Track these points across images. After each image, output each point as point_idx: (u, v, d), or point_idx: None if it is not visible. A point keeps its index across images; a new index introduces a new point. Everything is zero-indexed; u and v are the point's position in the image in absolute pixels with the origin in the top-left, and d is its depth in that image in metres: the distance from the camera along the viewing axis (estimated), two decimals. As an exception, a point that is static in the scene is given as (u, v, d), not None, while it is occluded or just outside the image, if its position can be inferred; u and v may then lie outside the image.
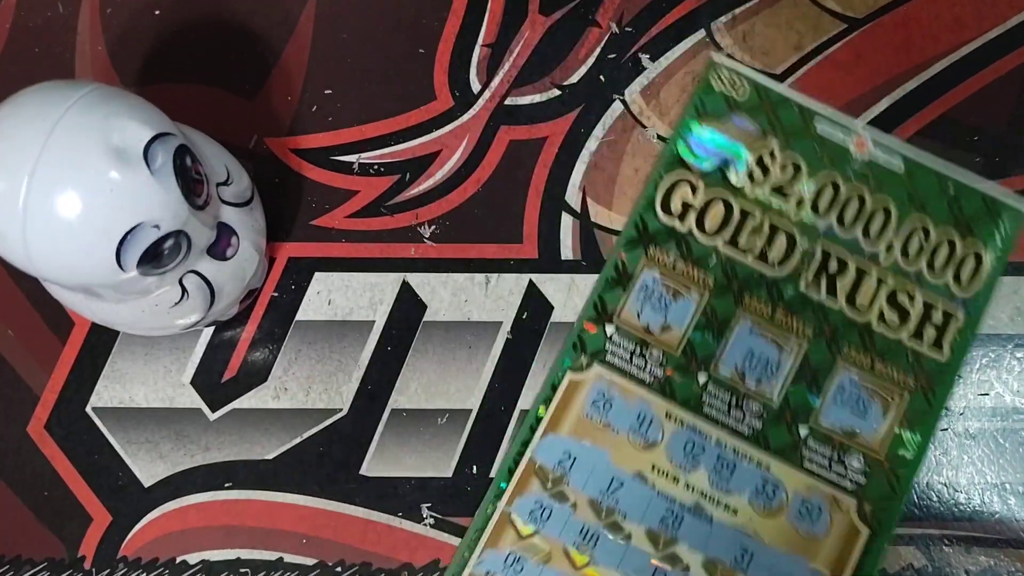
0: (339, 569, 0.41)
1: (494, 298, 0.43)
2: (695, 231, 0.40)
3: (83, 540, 0.42)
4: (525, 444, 0.39)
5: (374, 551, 0.41)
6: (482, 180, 0.44)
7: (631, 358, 0.40)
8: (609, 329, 0.40)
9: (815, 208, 0.40)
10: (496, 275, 0.43)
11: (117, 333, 0.43)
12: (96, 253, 0.31)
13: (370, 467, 0.42)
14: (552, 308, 0.43)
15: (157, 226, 0.32)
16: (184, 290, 0.36)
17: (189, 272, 0.36)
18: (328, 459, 0.42)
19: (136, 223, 0.31)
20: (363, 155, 0.44)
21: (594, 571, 0.38)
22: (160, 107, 0.34)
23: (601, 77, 0.45)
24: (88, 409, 0.43)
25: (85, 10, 0.45)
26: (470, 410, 0.42)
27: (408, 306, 0.43)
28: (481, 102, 0.45)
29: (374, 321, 0.43)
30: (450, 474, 0.41)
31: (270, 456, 0.42)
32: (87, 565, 0.42)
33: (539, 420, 0.39)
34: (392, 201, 0.44)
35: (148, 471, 0.42)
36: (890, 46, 0.45)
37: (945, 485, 0.41)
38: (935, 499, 0.41)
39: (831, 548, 0.38)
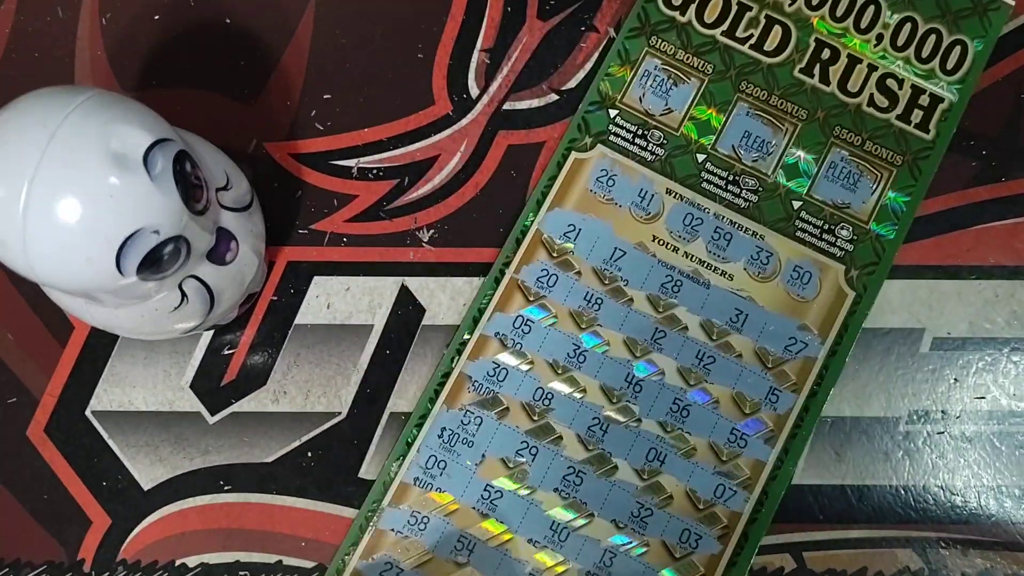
0: (338, 572, 0.41)
1: (492, 302, 0.43)
2: (695, 22, 0.43)
3: (82, 543, 0.42)
4: (531, 218, 0.42)
5: (373, 554, 0.41)
6: (480, 184, 0.44)
7: (633, 139, 0.42)
8: (613, 112, 0.43)
9: (808, 3, 0.43)
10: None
11: (116, 337, 0.43)
12: (96, 259, 0.31)
13: (369, 470, 0.42)
14: (550, 312, 0.43)
15: (157, 231, 0.32)
16: (183, 295, 0.36)
17: (189, 277, 0.36)
18: (327, 462, 0.42)
19: (136, 229, 0.31)
20: (362, 159, 0.44)
21: (600, 331, 0.41)
22: (159, 112, 0.34)
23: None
24: (87, 412, 0.43)
25: (84, 15, 0.46)
26: (468, 413, 0.42)
27: (407, 310, 0.43)
28: (479, 107, 0.45)
29: (373, 325, 0.43)
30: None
31: (269, 459, 0.42)
32: (86, 568, 0.42)
33: (545, 196, 0.42)
34: (391, 205, 0.44)
35: (147, 474, 0.43)
36: (887, 50, 0.45)
37: (941, 488, 0.42)
38: (932, 502, 0.41)
39: (819, 309, 0.41)
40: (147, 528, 0.42)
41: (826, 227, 0.41)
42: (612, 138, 0.42)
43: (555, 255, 0.41)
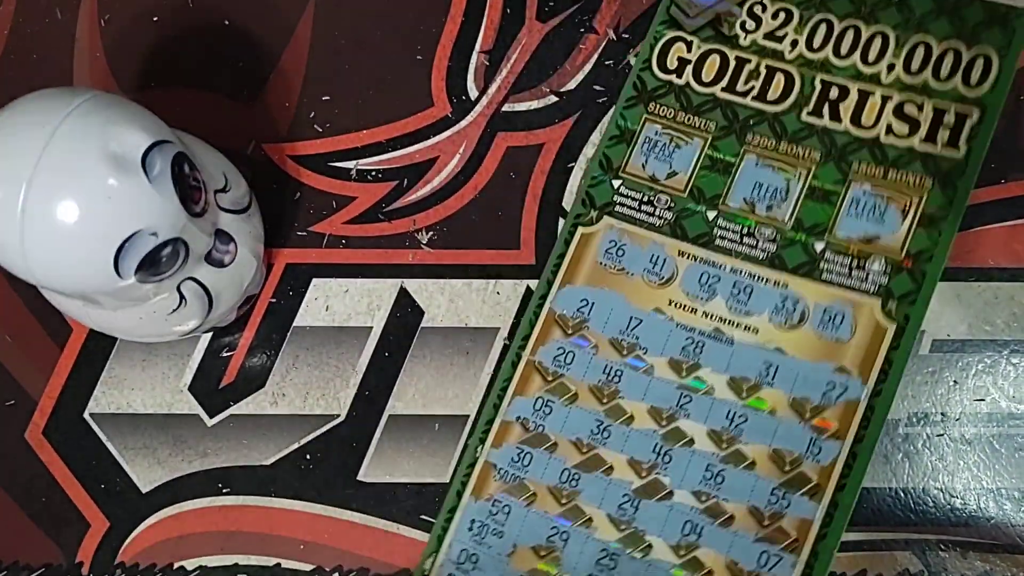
0: (336, 575, 0.41)
1: (492, 304, 0.43)
2: (692, 83, 0.41)
3: (80, 546, 0.42)
4: (543, 297, 0.41)
5: (371, 556, 0.41)
6: (480, 186, 0.44)
7: (639, 206, 0.41)
8: (616, 183, 0.41)
9: (810, 46, 0.41)
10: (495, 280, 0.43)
11: (115, 339, 0.43)
12: (94, 260, 0.31)
13: (367, 473, 0.42)
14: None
15: (155, 233, 0.32)
16: (182, 297, 0.36)
17: (187, 279, 0.36)
18: (326, 465, 0.42)
19: (134, 231, 0.31)
20: (361, 161, 0.44)
21: (622, 403, 0.39)
22: (158, 113, 0.34)
23: (598, 84, 0.45)
24: (86, 415, 0.43)
25: (83, 17, 0.45)
26: (467, 416, 0.42)
27: (406, 312, 0.43)
28: (478, 108, 0.45)
29: (372, 327, 0.43)
30: (447, 479, 0.42)
31: (268, 462, 0.42)
32: (84, 571, 0.42)
33: (555, 273, 0.41)
34: (390, 207, 0.44)
35: (146, 477, 0.43)
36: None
37: (941, 490, 0.41)
38: (931, 504, 0.41)
39: (857, 348, 0.38)
40: (145, 531, 0.42)
41: (856, 264, 0.39)
42: (618, 208, 0.41)
43: (570, 332, 0.40)
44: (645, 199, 0.41)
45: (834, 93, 0.40)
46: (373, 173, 0.44)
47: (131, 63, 0.45)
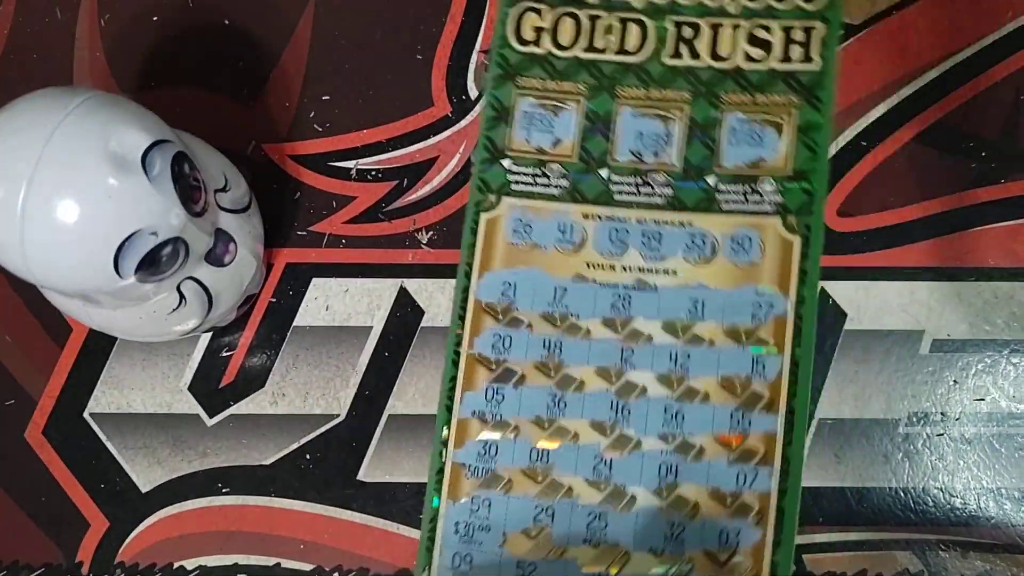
0: (336, 574, 0.41)
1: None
2: (553, 50, 0.42)
3: (80, 545, 0.42)
4: (465, 290, 0.41)
5: (371, 556, 0.41)
6: (479, 186, 0.44)
7: (534, 180, 0.41)
8: (506, 163, 0.41)
9: None
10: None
11: (115, 339, 0.43)
12: (94, 260, 0.31)
13: (367, 472, 0.42)
14: (549, 314, 0.43)
15: (155, 233, 0.32)
16: (182, 296, 0.36)
17: (187, 279, 0.36)
18: (325, 464, 0.42)
19: (134, 230, 0.31)
20: (361, 161, 0.44)
21: (569, 372, 0.40)
22: (158, 113, 0.34)
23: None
24: (86, 415, 0.43)
25: (83, 17, 0.45)
26: (467, 415, 0.42)
27: (406, 312, 0.43)
28: (478, 108, 0.45)
29: (372, 327, 0.43)
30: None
31: (268, 461, 0.42)
32: (84, 570, 0.42)
33: (471, 264, 0.41)
34: (390, 207, 0.44)
35: (146, 476, 0.43)
36: (887, 52, 0.45)
37: (941, 490, 0.41)
38: (931, 504, 0.41)
39: (770, 266, 0.40)
40: (145, 530, 0.42)
41: (748, 189, 0.41)
42: (514, 187, 0.41)
43: (500, 318, 0.41)
44: (538, 172, 0.42)
45: (688, 33, 0.42)
46: (373, 173, 0.44)
47: (131, 63, 0.45)
